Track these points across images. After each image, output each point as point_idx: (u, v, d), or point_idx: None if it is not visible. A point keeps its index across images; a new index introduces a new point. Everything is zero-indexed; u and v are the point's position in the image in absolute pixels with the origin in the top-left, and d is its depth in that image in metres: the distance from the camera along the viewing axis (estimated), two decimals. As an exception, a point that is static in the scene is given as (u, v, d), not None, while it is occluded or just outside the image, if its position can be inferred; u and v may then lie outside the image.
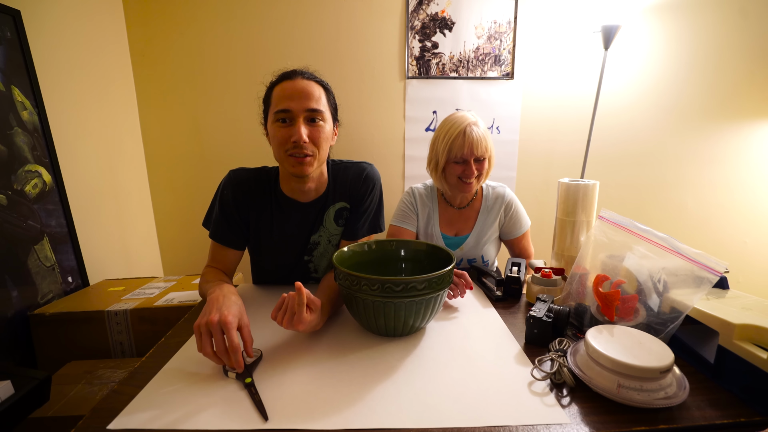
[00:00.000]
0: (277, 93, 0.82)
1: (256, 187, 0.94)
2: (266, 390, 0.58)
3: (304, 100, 0.81)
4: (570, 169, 1.86)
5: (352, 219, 0.97)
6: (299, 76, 0.83)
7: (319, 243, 0.98)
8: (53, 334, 1.10)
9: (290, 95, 0.80)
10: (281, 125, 0.82)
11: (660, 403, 0.52)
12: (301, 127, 0.80)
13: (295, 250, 0.98)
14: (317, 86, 0.84)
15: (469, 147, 1.08)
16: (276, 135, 0.82)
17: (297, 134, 0.80)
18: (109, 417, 0.53)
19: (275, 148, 0.85)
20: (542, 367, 0.62)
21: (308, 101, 0.81)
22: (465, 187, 1.12)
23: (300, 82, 0.82)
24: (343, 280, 0.70)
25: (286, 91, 0.81)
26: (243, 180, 0.93)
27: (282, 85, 0.82)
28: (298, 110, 0.80)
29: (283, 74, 0.85)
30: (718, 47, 1.75)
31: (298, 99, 0.80)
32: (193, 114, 1.76)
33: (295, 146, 0.81)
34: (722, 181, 1.89)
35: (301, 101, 0.80)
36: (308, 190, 0.92)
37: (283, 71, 0.86)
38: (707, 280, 0.61)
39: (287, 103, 0.80)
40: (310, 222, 0.96)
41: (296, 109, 0.80)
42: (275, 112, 0.81)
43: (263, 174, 0.96)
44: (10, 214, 1.09)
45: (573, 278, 0.80)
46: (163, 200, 1.84)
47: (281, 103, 0.81)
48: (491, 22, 1.72)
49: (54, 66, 1.29)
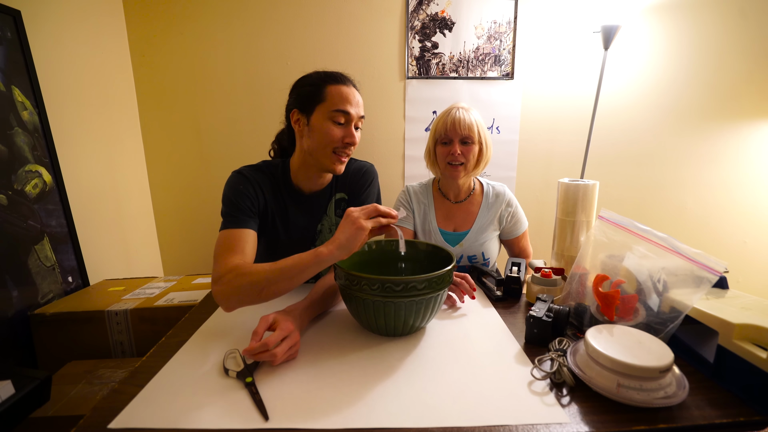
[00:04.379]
0: (336, 93, 0.87)
1: (269, 181, 0.95)
2: (267, 389, 0.58)
3: (359, 108, 0.90)
4: (570, 169, 1.86)
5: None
6: (351, 84, 0.90)
7: (321, 231, 1.01)
8: (53, 334, 1.10)
9: (350, 101, 0.88)
10: (337, 125, 0.88)
11: (660, 402, 0.52)
12: (353, 130, 0.89)
13: (306, 240, 1.00)
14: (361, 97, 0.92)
15: (452, 125, 1.11)
16: (330, 132, 0.87)
17: (352, 137, 0.89)
18: (109, 416, 0.53)
19: (320, 143, 0.88)
20: (542, 367, 0.62)
21: (361, 109, 0.91)
22: (453, 172, 1.14)
23: (354, 91, 0.90)
24: (343, 280, 0.70)
25: (347, 97, 0.87)
26: (254, 176, 0.93)
27: (340, 88, 0.87)
28: (355, 116, 0.89)
29: (335, 75, 0.90)
30: (718, 47, 1.75)
31: (356, 106, 0.89)
32: (193, 114, 1.76)
33: (345, 146, 0.89)
34: (722, 181, 1.89)
35: (358, 108, 0.90)
36: (323, 182, 0.99)
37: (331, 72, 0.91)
38: (707, 279, 0.62)
39: (348, 107, 0.87)
40: (317, 211, 1.00)
41: (354, 115, 0.88)
42: (335, 111, 0.86)
43: (270, 168, 0.97)
44: (10, 214, 1.09)
45: (573, 278, 0.81)
46: (163, 200, 1.84)
47: (342, 104, 0.87)
48: (491, 22, 1.72)
49: (54, 66, 1.29)
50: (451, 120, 1.11)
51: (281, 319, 0.68)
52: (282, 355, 0.63)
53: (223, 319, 0.83)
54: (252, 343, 0.63)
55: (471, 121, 1.11)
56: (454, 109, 1.14)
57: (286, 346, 0.64)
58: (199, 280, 1.36)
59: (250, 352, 0.61)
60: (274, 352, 0.62)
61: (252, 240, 0.85)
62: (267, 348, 0.61)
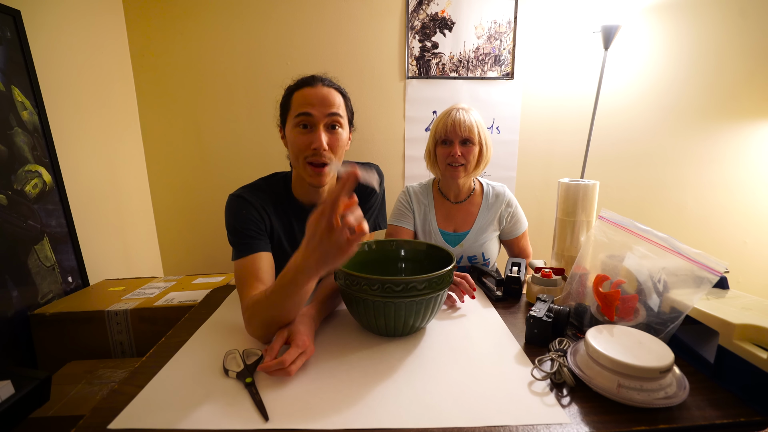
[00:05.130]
0: (298, 98, 0.82)
1: (270, 200, 0.90)
2: (267, 390, 0.58)
3: (326, 106, 0.81)
4: (570, 169, 1.86)
5: None
6: (320, 83, 0.83)
7: None
8: (53, 334, 1.10)
9: (312, 101, 0.81)
10: (301, 131, 0.82)
11: (660, 402, 0.52)
12: (321, 134, 0.81)
13: None
14: (337, 93, 0.84)
15: (452, 127, 1.11)
16: (296, 140, 0.82)
17: (317, 141, 0.80)
18: (109, 416, 0.53)
19: (293, 155, 0.84)
20: (542, 367, 0.62)
21: (329, 107, 0.82)
22: (453, 172, 1.14)
23: (321, 89, 0.82)
24: (343, 280, 0.70)
25: (307, 98, 0.81)
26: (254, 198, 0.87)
27: (303, 91, 0.82)
28: (320, 116, 0.81)
29: (303, 80, 0.85)
30: (718, 47, 1.75)
31: (320, 105, 0.81)
32: (193, 114, 1.76)
33: (315, 153, 0.81)
34: (722, 181, 1.89)
35: (323, 107, 0.81)
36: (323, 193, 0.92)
37: (302, 77, 0.86)
38: (707, 280, 0.61)
39: (309, 109, 0.81)
40: None
41: (317, 115, 0.81)
42: (296, 116, 0.81)
43: (271, 185, 0.92)
44: (10, 214, 1.09)
45: (573, 278, 0.80)
46: (163, 200, 1.84)
47: (303, 107, 0.81)
48: (491, 22, 1.72)
49: (54, 66, 1.29)
50: (451, 121, 1.11)
51: (297, 332, 0.66)
52: (296, 370, 0.62)
53: (223, 319, 0.83)
54: (267, 360, 0.61)
55: (471, 122, 1.11)
56: (454, 109, 1.13)
57: (300, 362, 0.62)
58: (199, 280, 1.36)
59: (265, 370, 0.60)
60: (289, 369, 0.60)
61: (267, 261, 0.82)
62: (283, 366, 0.60)
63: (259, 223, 0.85)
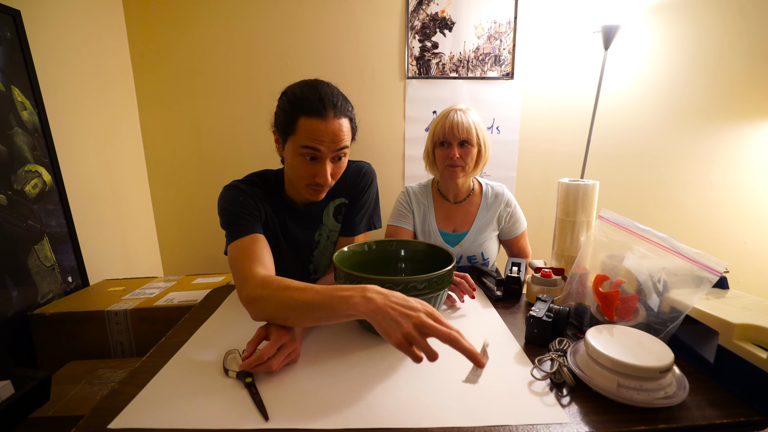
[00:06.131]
0: (306, 128, 0.76)
1: (264, 194, 0.89)
2: (267, 390, 0.58)
3: (336, 142, 0.77)
4: (570, 169, 1.86)
5: (350, 214, 0.97)
6: (331, 112, 0.76)
7: (319, 242, 0.98)
8: (53, 334, 1.10)
9: (321, 138, 0.76)
10: (306, 161, 0.79)
11: (660, 402, 0.52)
12: (327, 168, 0.78)
13: (303, 252, 0.98)
14: (345, 120, 0.79)
15: (450, 128, 1.11)
16: (299, 168, 0.80)
17: (323, 177, 0.79)
18: (109, 416, 0.53)
19: (293, 176, 0.82)
20: (542, 367, 0.62)
21: (339, 143, 0.78)
22: (452, 173, 1.14)
23: (332, 123, 0.76)
24: (343, 281, 0.70)
25: (317, 134, 0.75)
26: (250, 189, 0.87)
27: (312, 123, 0.75)
28: (328, 152, 0.78)
29: (311, 104, 0.75)
30: (718, 47, 1.75)
31: (330, 142, 0.76)
32: (193, 114, 1.76)
33: (317, 183, 0.80)
34: (722, 181, 1.89)
35: (333, 143, 0.77)
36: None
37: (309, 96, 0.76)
38: (707, 280, 0.61)
39: (317, 145, 0.76)
40: (313, 222, 0.97)
41: (326, 151, 0.77)
42: (302, 147, 0.77)
43: (263, 180, 0.92)
44: (10, 214, 1.09)
45: (573, 278, 0.80)
46: (163, 200, 1.84)
47: (311, 141, 0.76)
48: (491, 22, 1.72)
49: (54, 66, 1.29)
50: (449, 123, 1.11)
51: (275, 327, 0.65)
52: (279, 364, 0.62)
53: (223, 319, 0.83)
54: (246, 355, 0.62)
55: (469, 123, 1.11)
56: (452, 111, 1.13)
57: (281, 355, 0.62)
58: (199, 280, 1.36)
59: (246, 367, 0.60)
60: (269, 363, 0.60)
61: (266, 246, 0.78)
62: (262, 360, 0.60)
63: (255, 212, 0.84)
